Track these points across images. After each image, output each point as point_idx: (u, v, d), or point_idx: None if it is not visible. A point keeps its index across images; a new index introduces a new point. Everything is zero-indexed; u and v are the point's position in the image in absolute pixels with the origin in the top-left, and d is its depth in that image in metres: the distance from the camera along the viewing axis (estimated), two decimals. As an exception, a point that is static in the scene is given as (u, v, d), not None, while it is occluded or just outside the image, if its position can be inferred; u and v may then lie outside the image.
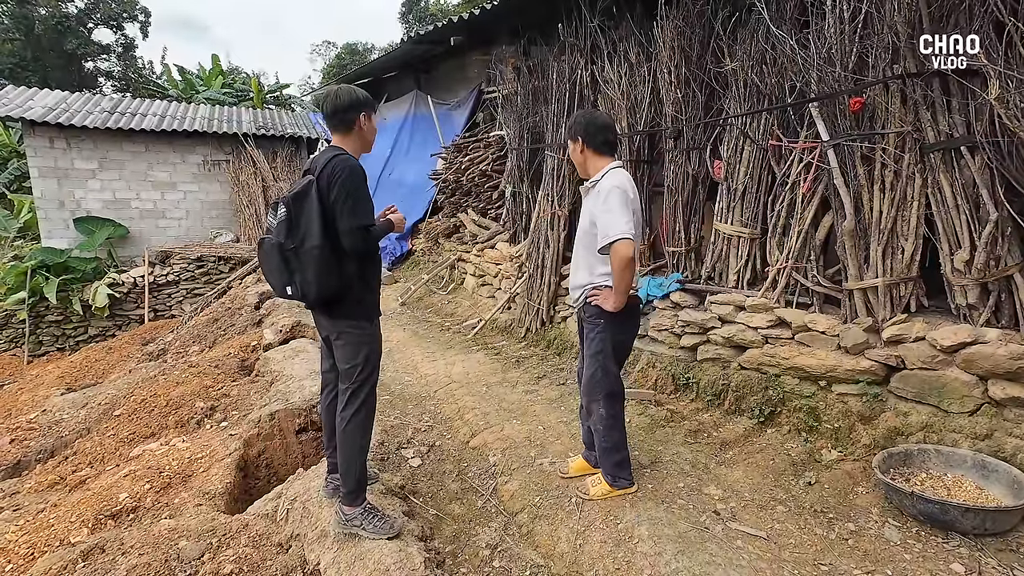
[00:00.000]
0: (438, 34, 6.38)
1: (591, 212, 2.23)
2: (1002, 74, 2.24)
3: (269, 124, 10.73)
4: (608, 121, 2.32)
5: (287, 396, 3.41)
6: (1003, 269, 2.37)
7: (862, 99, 2.71)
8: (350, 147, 2.05)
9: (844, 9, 2.74)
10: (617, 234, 2.04)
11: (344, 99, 2.03)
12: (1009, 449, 2.20)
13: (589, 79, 4.42)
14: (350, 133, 2.05)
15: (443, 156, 7.19)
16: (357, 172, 1.92)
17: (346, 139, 2.06)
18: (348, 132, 2.05)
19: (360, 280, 2.02)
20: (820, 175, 2.93)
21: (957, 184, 2.48)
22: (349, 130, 2.05)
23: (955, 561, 1.87)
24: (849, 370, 2.69)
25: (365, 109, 2.05)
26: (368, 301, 2.08)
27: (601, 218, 2.12)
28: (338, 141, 2.06)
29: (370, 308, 2.09)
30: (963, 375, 2.37)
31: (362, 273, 2.02)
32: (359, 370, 2.04)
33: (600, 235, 2.12)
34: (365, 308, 2.07)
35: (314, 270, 1.87)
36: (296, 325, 5.18)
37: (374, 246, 2.05)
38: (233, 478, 2.78)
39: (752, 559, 1.93)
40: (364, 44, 26.47)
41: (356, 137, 2.07)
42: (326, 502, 2.24)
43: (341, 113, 2.02)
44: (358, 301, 2.03)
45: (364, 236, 1.91)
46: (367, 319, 2.07)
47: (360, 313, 2.05)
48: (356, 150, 2.08)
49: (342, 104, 2.02)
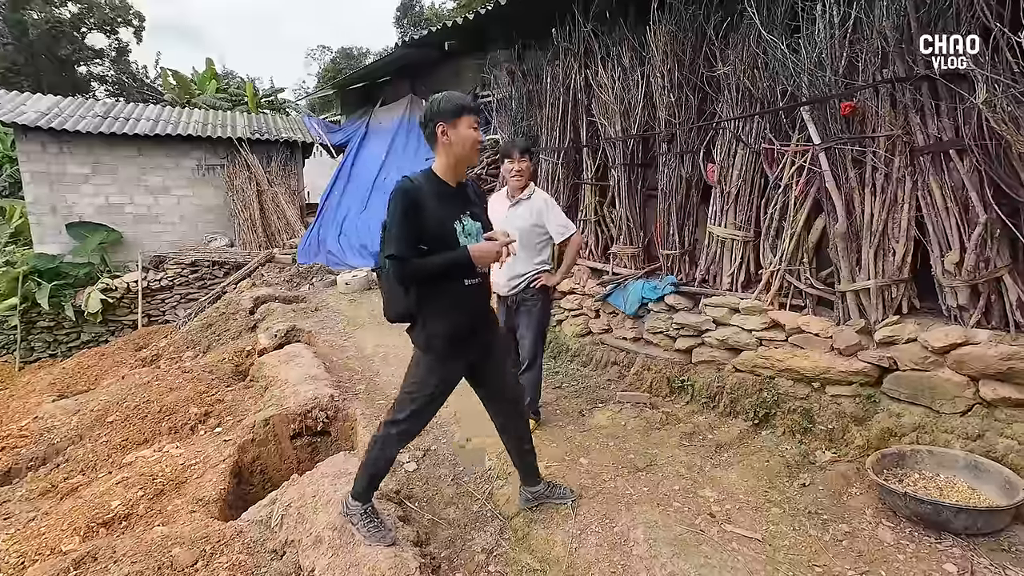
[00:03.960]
0: (432, 39, 6.40)
1: (534, 216, 2.86)
2: (989, 78, 2.27)
3: (264, 128, 10.71)
4: None
5: (282, 401, 3.40)
6: (992, 271, 2.39)
7: (853, 103, 2.74)
8: (439, 162, 1.91)
9: (834, 14, 2.77)
10: (574, 228, 2.92)
11: (425, 111, 1.88)
12: (1000, 449, 2.21)
13: (583, 83, 4.44)
14: (435, 147, 1.90)
15: (438, 160, 7.19)
16: (397, 198, 1.79)
17: (436, 157, 1.92)
18: (433, 146, 1.91)
19: (420, 306, 1.90)
20: (812, 178, 2.96)
21: (946, 187, 2.50)
22: (433, 143, 1.90)
23: (948, 561, 1.88)
24: (842, 372, 2.71)
25: (443, 119, 1.84)
26: (430, 330, 1.92)
27: (559, 219, 2.89)
28: (433, 161, 1.94)
29: (431, 338, 1.92)
30: (955, 376, 2.39)
31: (422, 299, 1.89)
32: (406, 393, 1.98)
33: (563, 229, 2.88)
34: (425, 336, 1.93)
35: (384, 290, 1.95)
36: (291, 330, 5.16)
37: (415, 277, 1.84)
38: (227, 484, 2.76)
39: (747, 561, 1.94)
40: (359, 48, 26.49)
41: (442, 151, 1.88)
42: (321, 508, 2.23)
43: (422, 127, 1.90)
44: (421, 327, 1.94)
45: (395, 266, 1.79)
46: (425, 348, 1.94)
47: (419, 339, 1.95)
48: (446, 165, 1.90)
49: (422, 117, 1.89)
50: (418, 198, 1.81)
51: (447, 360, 1.96)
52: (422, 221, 1.80)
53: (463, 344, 1.96)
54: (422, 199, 1.82)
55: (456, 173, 1.93)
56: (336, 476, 2.48)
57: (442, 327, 1.91)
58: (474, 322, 1.99)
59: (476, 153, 1.93)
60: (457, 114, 1.84)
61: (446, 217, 1.86)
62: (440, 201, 1.85)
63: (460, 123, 1.84)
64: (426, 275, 1.84)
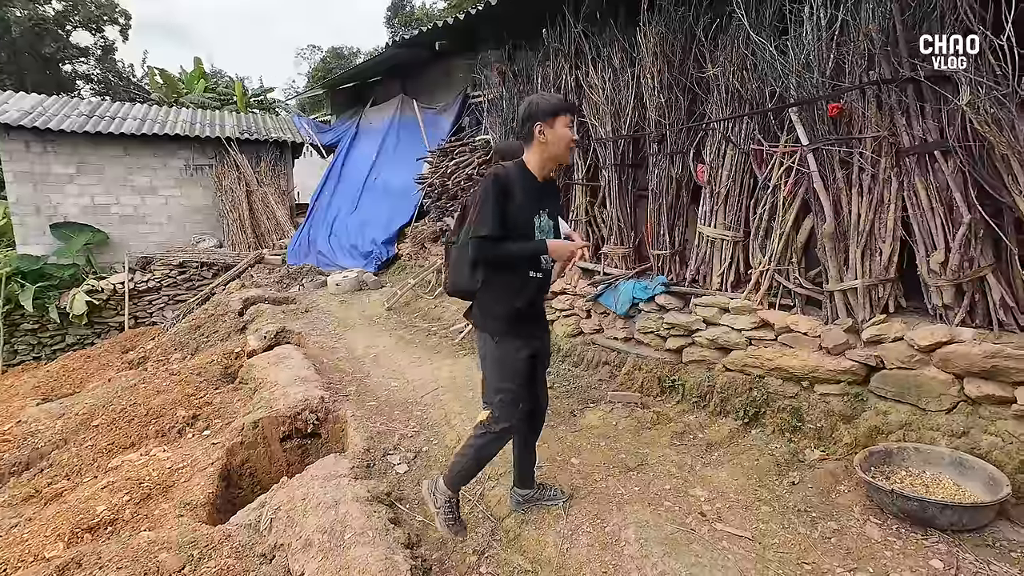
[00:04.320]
0: (423, 39, 6.39)
1: None
2: (972, 80, 2.30)
3: (253, 128, 10.62)
4: None
5: (271, 403, 3.37)
6: (976, 270, 2.43)
7: (840, 104, 2.77)
8: (531, 157, 2.01)
9: (821, 16, 2.80)
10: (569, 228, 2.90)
11: (522, 111, 1.98)
12: (985, 446, 2.25)
13: (573, 84, 4.45)
14: (530, 144, 2.00)
15: (429, 160, 7.18)
16: (490, 183, 1.90)
17: (529, 152, 2.01)
18: (528, 143, 2.00)
19: (484, 287, 2.01)
20: (800, 179, 2.98)
21: (931, 187, 2.54)
22: (528, 142, 2.00)
23: (934, 557, 1.90)
24: (831, 370, 2.73)
25: (542, 119, 1.93)
26: (490, 311, 2.03)
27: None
28: (525, 154, 2.04)
29: (494, 319, 2.02)
30: (940, 374, 2.43)
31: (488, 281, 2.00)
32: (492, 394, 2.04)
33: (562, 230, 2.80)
34: (487, 317, 2.04)
35: (451, 264, 2.08)
36: (281, 331, 5.12)
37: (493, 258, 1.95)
38: (215, 488, 2.73)
39: (737, 559, 1.95)
40: (350, 48, 26.35)
41: (536, 148, 1.98)
42: (311, 510, 2.21)
43: (519, 125, 2.00)
44: (482, 308, 2.05)
45: (477, 245, 1.89)
46: (484, 327, 2.05)
47: (480, 321, 2.07)
48: (538, 161, 2.00)
49: (520, 116, 1.99)
50: (508, 185, 1.92)
51: (508, 340, 2.02)
52: (507, 210, 1.91)
53: (522, 328, 2.03)
54: (511, 187, 1.93)
55: (545, 169, 2.03)
56: (326, 479, 2.47)
57: (502, 309, 2.01)
58: (532, 311, 2.10)
59: (569, 152, 2.03)
60: (554, 113, 1.92)
61: (528, 210, 1.97)
62: (526, 193, 1.96)
63: (557, 122, 1.93)
64: (504, 258, 1.95)
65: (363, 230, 8.30)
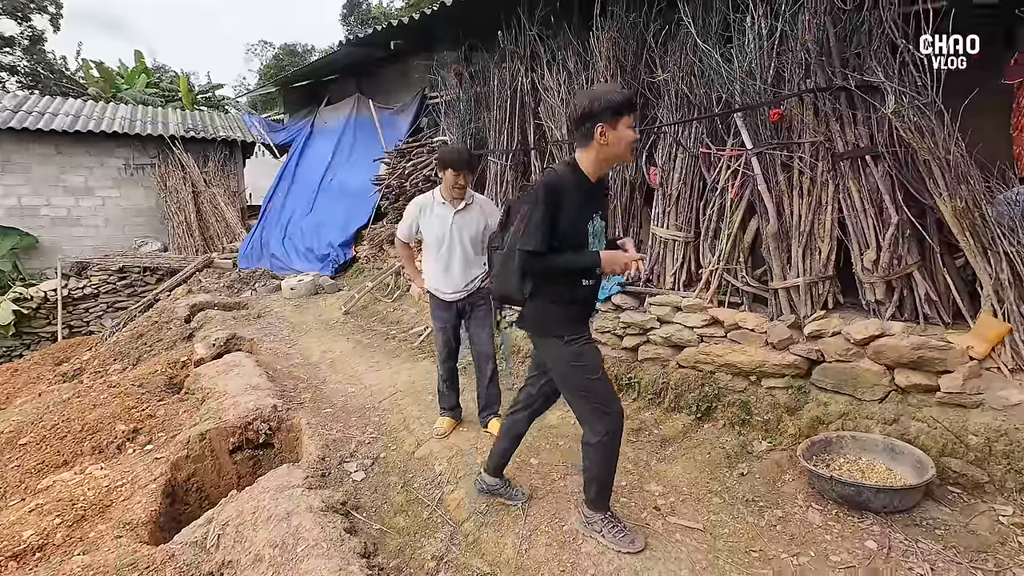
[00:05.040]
0: (378, 38, 6.28)
1: (485, 218, 2.88)
2: (897, 90, 2.46)
3: (200, 126, 10.17)
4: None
5: (220, 414, 3.22)
6: (904, 268, 2.60)
7: (780, 110, 2.90)
8: (585, 157, 1.87)
9: (762, 27, 2.93)
10: None
11: (580, 107, 1.81)
12: (913, 432, 2.40)
13: (530, 86, 4.48)
14: (587, 145, 1.85)
15: (386, 161, 7.07)
16: (541, 191, 1.81)
17: (584, 152, 1.87)
18: (585, 143, 1.85)
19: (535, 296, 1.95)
20: (746, 181, 3.11)
21: (864, 190, 2.70)
22: (586, 142, 1.84)
23: (869, 538, 2.02)
24: (776, 365, 2.86)
25: (605, 120, 1.77)
26: (544, 317, 1.98)
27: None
28: (578, 153, 1.90)
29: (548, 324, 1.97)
30: (874, 366, 2.58)
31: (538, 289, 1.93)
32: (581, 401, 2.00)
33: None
34: (544, 326, 1.99)
35: (496, 270, 2.01)
36: (232, 338, 4.91)
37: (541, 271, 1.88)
38: (158, 505, 2.59)
39: (690, 551, 2.01)
40: (303, 45, 25.57)
41: (594, 149, 1.84)
42: (261, 524, 2.13)
43: (576, 125, 1.83)
44: (535, 315, 2.00)
45: (524, 259, 1.82)
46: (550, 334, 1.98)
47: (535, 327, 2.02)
48: (594, 162, 1.86)
49: (578, 112, 1.81)
50: (559, 193, 1.82)
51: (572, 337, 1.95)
52: (560, 217, 1.82)
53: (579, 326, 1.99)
54: (563, 194, 1.83)
55: (601, 171, 1.91)
56: (278, 490, 2.38)
57: (555, 317, 1.96)
58: (583, 319, 2.05)
59: (630, 153, 1.92)
60: (618, 113, 1.78)
61: (581, 216, 1.88)
62: (578, 197, 1.86)
63: (620, 123, 1.79)
64: (554, 271, 1.88)
65: (319, 232, 8.08)
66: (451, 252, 2.86)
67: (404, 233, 2.99)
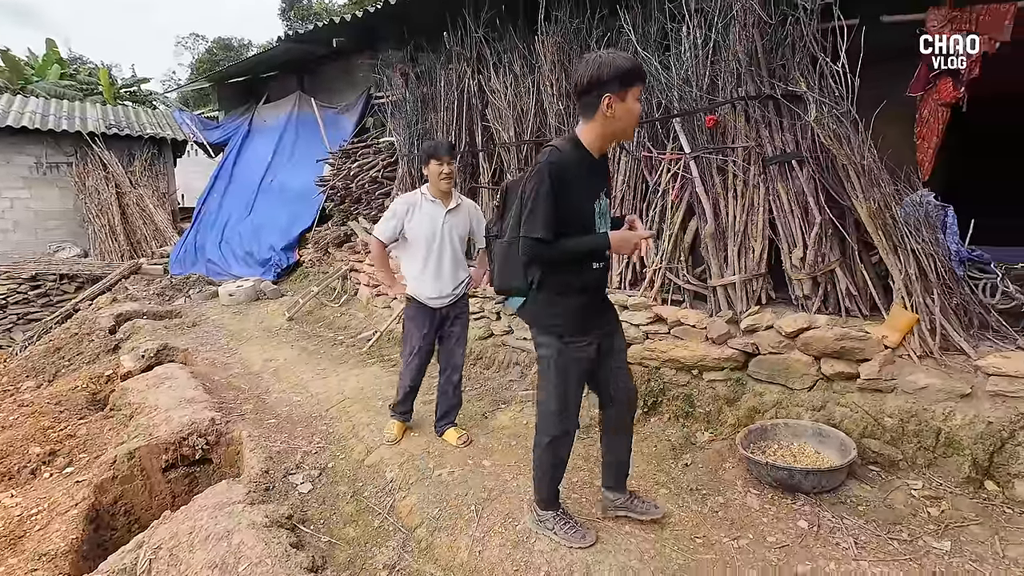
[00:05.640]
0: (319, 34, 6.09)
1: (471, 223, 2.84)
2: (818, 100, 2.65)
3: (124, 123, 9.49)
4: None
5: (151, 430, 3.02)
6: (827, 265, 2.80)
7: (715, 117, 3.06)
8: (589, 132, 1.73)
9: (697, 36, 3.07)
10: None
11: (585, 74, 1.65)
12: (838, 416, 2.59)
13: (477, 88, 4.48)
14: (590, 116, 1.70)
15: (330, 162, 6.86)
16: (544, 172, 1.68)
17: (588, 125, 1.73)
18: (588, 115, 1.71)
19: (543, 285, 1.83)
20: (685, 184, 3.25)
21: (791, 192, 2.88)
22: (589, 113, 1.70)
23: (801, 519, 2.16)
24: (716, 358, 3.00)
25: (613, 89, 1.62)
26: (552, 309, 1.86)
27: (483, 225, 2.85)
28: (580, 127, 1.76)
29: (553, 316, 1.86)
30: (803, 356, 2.76)
31: (546, 278, 1.82)
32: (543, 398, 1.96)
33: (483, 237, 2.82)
34: (547, 316, 1.88)
35: (497, 262, 1.89)
36: (163, 349, 4.62)
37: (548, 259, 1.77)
38: (81, 532, 2.39)
39: (638, 541, 2.07)
40: (240, 40, 24.42)
41: (599, 122, 1.70)
42: (198, 545, 2.01)
43: (580, 94, 1.68)
44: (542, 307, 1.88)
45: (530, 247, 1.71)
46: (546, 329, 1.89)
47: (539, 320, 1.91)
48: (599, 136, 1.73)
49: (582, 79, 1.65)
50: (564, 175, 1.70)
51: (574, 340, 1.88)
52: (564, 198, 1.71)
53: (588, 322, 1.90)
54: (567, 175, 1.71)
55: (605, 146, 1.80)
56: (217, 507, 2.26)
57: (565, 308, 1.85)
58: (596, 303, 1.96)
59: (635, 128, 1.83)
60: (628, 83, 1.64)
61: (586, 196, 1.78)
62: (583, 177, 1.75)
63: (629, 94, 1.66)
64: (563, 258, 1.77)
65: (259, 235, 7.73)
66: (442, 253, 2.72)
67: (387, 233, 2.72)
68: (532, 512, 2.18)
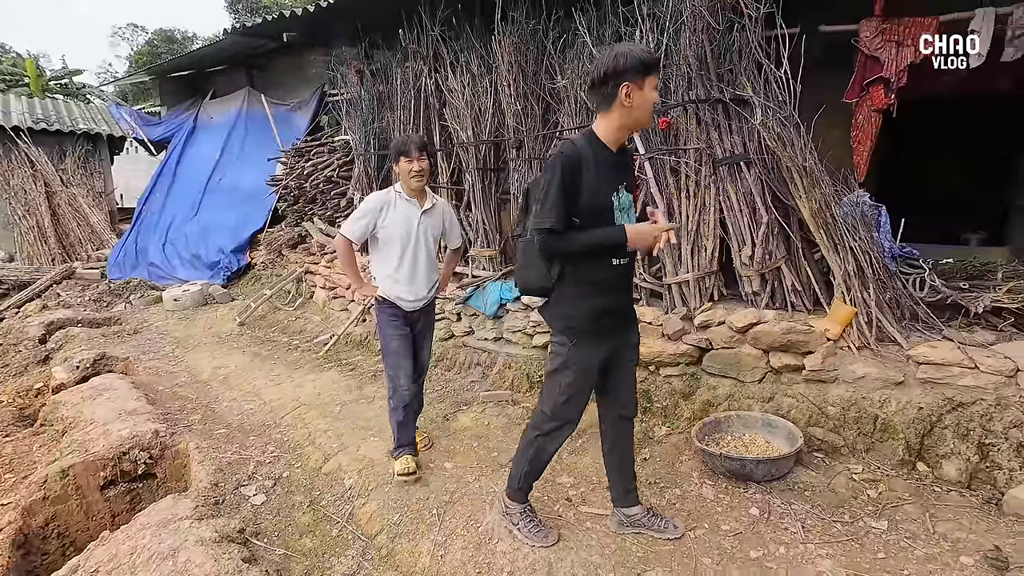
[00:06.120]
0: (269, 28, 5.86)
1: (444, 223, 2.77)
2: (763, 104, 2.76)
3: (53, 117, 8.86)
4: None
5: (87, 445, 2.83)
6: (774, 262, 2.92)
7: (667, 119, 3.14)
8: (605, 124, 1.72)
9: (650, 40, 3.14)
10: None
11: (604, 64, 1.64)
12: (786, 407, 2.71)
13: (434, 87, 4.43)
14: (608, 107, 1.68)
15: (283, 160, 6.63)
16: (557, 163, 1.67)
17: (605, 118, 1.71)
18: (606, 106, 1.69)
19: (561, 282, 1.80)
20: (640, 184, 3.32)
21: (740, 193, 2.99)
22: (607, 104, 1.68)
23: (752, 506, 2.24)
24: (672, 354, 3.08)
25: (631, 78, 1.62)
26: (569, 309, 1.82)
27: (458, 228, 2.89)
28: (597, 121, 1.74)
29: (570, 318, 1.82)
30: (753, 350, 2.87)
31: (565, 275, 1.79)
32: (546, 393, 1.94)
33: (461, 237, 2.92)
34: (563, 316, 1.84)
35: (519, 260, 1.86)
36: (101, 359, 4.33)
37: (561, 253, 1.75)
38: (7, 559, 2.22)
39: (599, 537, 2.10)
40: (183, 31, 23.24)
41: (616, 113, 1.69)
42: (140, 567, 1.90)
43: (598, 85, 1.67)
44: (559, 305, 1.85)
45: (542, 239, 1.70)
46: (562, 329, 1.86)
47: (556, 320, 1.88)
48: (616, 128, 1.72)
49: (601, 69, 1.65)
50: (579, 166, 1.68)
51: (586, 342, 1.84)
52: (579, 192, 1.69)
53: (604, 327, 1.85)
54: (583, 167, 1.69)
55: (621, 138, 1.78)
56: (161, 525, 2.14)
57: (583, 307, 1.81)
58: (618, 306, 1.91)
59: (652, 118, 1.82)
60: (645, 72, 1.64)
61: (604, 189, 1.74)
62: (601, 169, 1.72)
63: (647, 83, 1.65)
64: (576, 251, 1.74)
65: (207, 237, 7.37)
66: (416, 254, 2.62)
67: (356, 232, 2.58)
68: (501, 502, 2.17)
